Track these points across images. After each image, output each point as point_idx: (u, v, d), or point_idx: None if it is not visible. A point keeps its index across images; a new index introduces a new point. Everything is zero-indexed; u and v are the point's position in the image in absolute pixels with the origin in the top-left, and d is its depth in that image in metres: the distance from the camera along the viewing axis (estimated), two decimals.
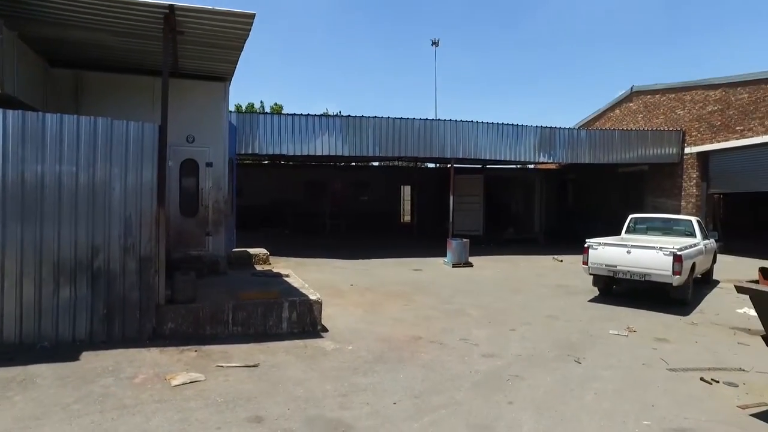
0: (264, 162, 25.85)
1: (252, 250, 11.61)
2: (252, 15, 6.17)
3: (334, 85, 76.86)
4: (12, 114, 5.58)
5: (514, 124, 16.99)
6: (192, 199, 9.09)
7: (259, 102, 39.27)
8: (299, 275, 9.43)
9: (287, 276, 9.15)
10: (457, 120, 16.23)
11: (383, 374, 5.24)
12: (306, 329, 6.75)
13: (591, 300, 9.51)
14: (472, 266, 13.89)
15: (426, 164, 26.31)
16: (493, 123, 16.67)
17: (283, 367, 5.36)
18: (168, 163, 6.94)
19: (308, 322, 6.80)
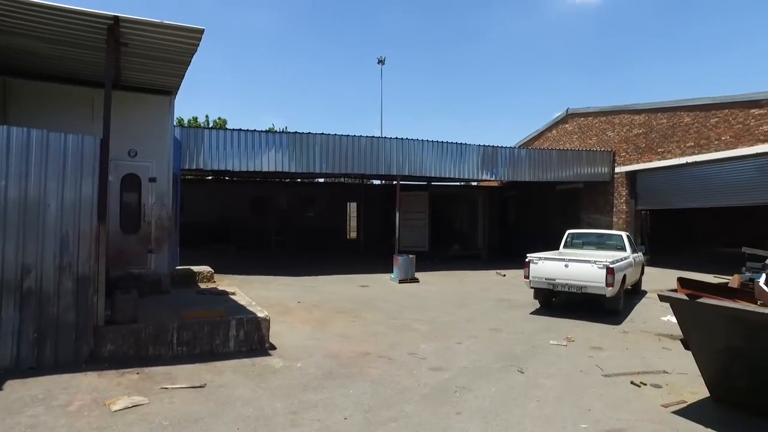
0: (208, 177, 25.21)
1: (196, 268, 11.28)
2: (201, 30, 6.12)
3: (280, 101, 76.48)
4: None
5: (458, 143, 17.46)
6: (134, 216, 8.77)
7: (204, 116, 38.28)
8: (245, 293, 9.27)
9: (233, 294, 8.97)
10: (403, 138, 16.54)
11: (333, 390, 5.25)
12: (254, 347, 6.64)
13: (532, 312, 9.91)
14: (419, 282, 14.12)
15: (372, 181, 26.53)
16: (438, 141, 17.09)
17: (231, 387, 5.26)
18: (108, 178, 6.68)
19: (256, 340, 6.69)
